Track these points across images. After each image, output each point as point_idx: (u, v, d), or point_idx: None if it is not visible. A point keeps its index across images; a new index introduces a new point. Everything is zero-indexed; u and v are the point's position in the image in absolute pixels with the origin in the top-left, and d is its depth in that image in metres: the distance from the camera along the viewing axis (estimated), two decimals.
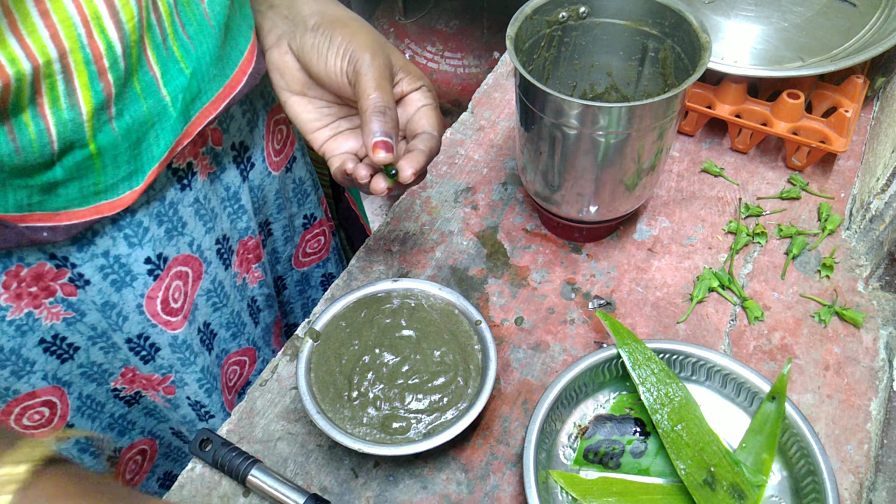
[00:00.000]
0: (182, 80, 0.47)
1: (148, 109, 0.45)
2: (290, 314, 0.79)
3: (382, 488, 0.53)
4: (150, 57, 0.45)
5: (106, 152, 0.45)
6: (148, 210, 0.51)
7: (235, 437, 0.56)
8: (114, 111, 0.43)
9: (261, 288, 0.67)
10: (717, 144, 0.77)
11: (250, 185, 0.61)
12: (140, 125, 0.45)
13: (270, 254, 0.70)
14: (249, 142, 0.60)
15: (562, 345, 0.61)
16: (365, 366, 0.55)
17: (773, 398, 0.52)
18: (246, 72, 0.52)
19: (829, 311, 0.62)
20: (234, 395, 0.67)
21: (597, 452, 0.53)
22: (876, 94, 0.80)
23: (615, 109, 0.52)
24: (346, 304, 0.58)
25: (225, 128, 0.56)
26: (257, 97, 0.60)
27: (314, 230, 0.73)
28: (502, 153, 0.77)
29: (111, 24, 0.40)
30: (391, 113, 0.48)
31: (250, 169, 0.60)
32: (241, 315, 0.64)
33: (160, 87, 0.46)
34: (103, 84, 0.42)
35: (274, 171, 0.64)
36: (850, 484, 0.53)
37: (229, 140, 0.57)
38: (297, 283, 0.76)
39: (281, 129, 0.64)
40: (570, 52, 0.64)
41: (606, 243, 0.69)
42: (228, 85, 0.51)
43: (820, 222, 0.69)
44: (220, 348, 0.62)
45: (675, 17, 0.58)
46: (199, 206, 0.55)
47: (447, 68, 1.61)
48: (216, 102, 0.50)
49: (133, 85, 0.44)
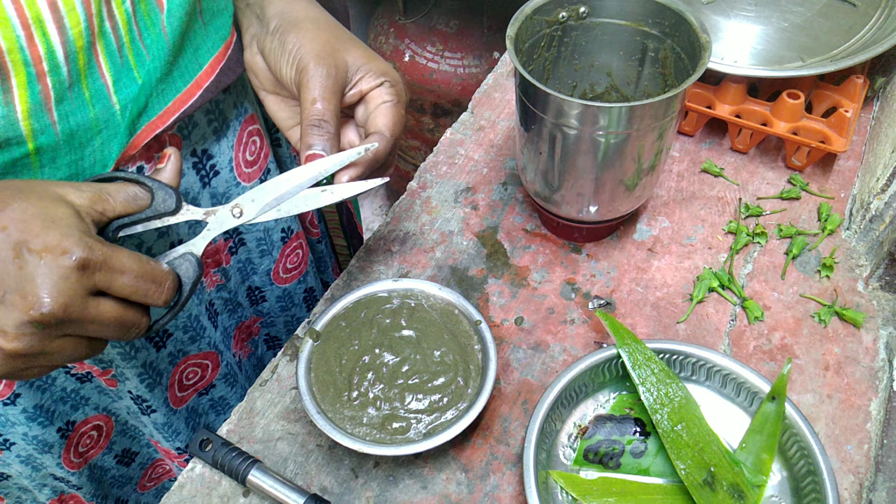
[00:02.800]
0: (134, 88, 0.47)
1: (95, 116, 0.45)
2: (272, 327, 0.79)
3: (382, 488, 0.53)
4: (103, 64, 0.44)
5: (45, 153, 0.44)
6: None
7: (235, 437, 0.56)
8: (56, 114, 0.43)
9: (219, 292, 0.66)
10: (717, 144, 0.77)
11: (212, 192, 0.60)
12: (85, 131, 0.45)
13: (244, 262, 0.69)
14: (214, 150, 0.59)
15: (562, 345, 0.61)
16: (365, 366, 0.55)
17: (773, 398, 0.52)
18: (202, 86, 0.52)
19: (829, 311, 0.62)
20: (192, 394, 0.67)
21: (597, 452, 0.53)
22: (876, 94, 0.80)
23: (615, 109, 0.52)
24: (346, 304, 0.58)
25: (186, 134, 0.55)
26: (229, 107, 0.59)
27: (292, 244, 0.73)
28: (502, 153, 0.77)
29: (54, 29, 0.40)
30: (327, 126, 0.49)
31: (213, 176, 0.60)
32: (200, 319, 0.63)
33: (111, 95, 0.46)
34: (41, 86, 0.42)
35: (244, 181, 0.63)
36: (850, 484, 0.53)
37: (189, 146, 0.56)
38: (278, 298, 0.76)
39: (255, 141, 0.63)
40: (570, 52, 0.64)
41: (606, 243, 0.69)
42: (180, 98, 0.50)
43: (820, 222, 0.69)
44: (176, 348, 0.62)
45: (675, 17, 0.58)
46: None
47: (447, 68, 1.61)
48: (164, 116, 0.50)
49: (81, 90, 0.44)
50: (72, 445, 0.64)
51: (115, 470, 0.71)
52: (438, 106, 1.66)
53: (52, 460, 0.62)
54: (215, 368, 0.68)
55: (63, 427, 0.62)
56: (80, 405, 0.63)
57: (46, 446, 0.61)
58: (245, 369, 0.75)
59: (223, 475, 0.54)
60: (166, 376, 0.63)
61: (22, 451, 0.60)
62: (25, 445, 0.60)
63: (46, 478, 0.64)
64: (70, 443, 0.63)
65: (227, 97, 0.59)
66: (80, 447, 0.65)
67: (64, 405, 0.61)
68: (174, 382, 0.64)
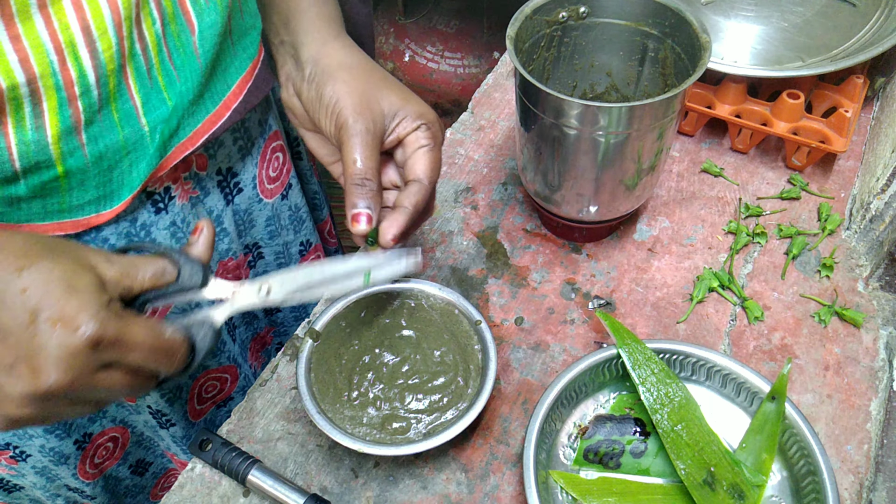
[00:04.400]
0: (164, 110, 0.46)
1: (124, 138, 0.45)
2: (285, 336, 0.79)
3: (382, 488, 0.53)
4: (132, 86, 0.44)
5: (74, 176, 0.44)
6: (116, 229, 0.50)
7: (235, 437, 0.56)
8: (85, 137, 0.43)
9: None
10: (717, 144, 0.77)
11: (235, 209, 0.60)
12: (114, 153, 0.45)
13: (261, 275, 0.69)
14: (239, 168, 0.59)
15: (562, 345, 0.61)
16: (365, 366, 0.55)
17: (773, 398, 0.52)
18: (230, 107, 0.51)
19: (829, 311, 0.62)
20: (211, 406, 0.67)
21: (597, 452, 0.53)
22: (876, 94, 0.80)
23: (615, 109, 0.52)
24: (346, 304, 0.58)
25: (212, 153, 0.55)
26: (254, 125, 0.59)
27: (310, 256, 0.73)
28: (502, 153, 0.77)
29: (86, 53, 0.40)
30: (370, 184, 0.48)
31: (236, 194, 0.60)
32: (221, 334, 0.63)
33: (140, 117, 0.45)
34: (72, 110, 0.41)
35: (266, 198, 0.63)
36: (850, 484, 0.53)
37: (215, 166, 0.56)
38: (292, 308, 0.76)
39: (277, 157, 0.63)
40: (570, 52, 0.64)
41: (606, 243, 0.69)
42: (209, 120, 0.50)
43: (820, 222, 0.69)
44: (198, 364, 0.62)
45: (675, 17, 0.58)
46: (176, 230, 0.54)
47: (447, 68, 1.61)
48: (194, 138, 0.49)
49: (110, 113, 0.44)
50: (87, 457, 0.64)
51: (128, 480, 0.71)
52: (438, 106, 1.67)
53: (68, 471, 0.62)
54: (234, 381, 0.68)
55: (80, 439, 0.62)
56: (97, 417, 0.63)
57: (63, 458, 0.61)
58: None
59: (223, 475, 0.54)
60: (186, 390, 0.62)
61: (37, 462, 0.60)
62: (41, 457, 0.60)
63: (60, 489, 0.64)
64: (86, 454, 0.63)
65: (253, 115, 0.59)
66: (97, 458, 0.65)
67: (82, 418, 0.61)
68: (193, 396, 0.64)
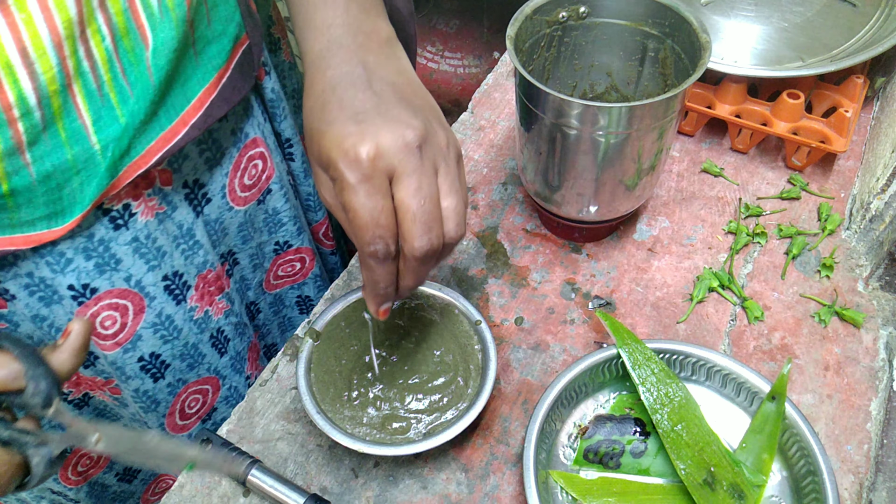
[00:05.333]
0: (116, 128, 0.44)
1: (73, 157, 0.43)
2: (268, 335, 0.77)
3: (382, 488, 0.53)
4: (80, 104, 0.42)
5: (20, 194, 0.43)
6: (72, 244, 0.48)
7: (235, 437, 0.56)
8: (30, 157, 0.42)
9: (227, 318, 0.64)
10: (717, 144, 0.77)
11: (205, 219, 0.58)
12: (62, 172, 0.43)
13: (239, 282, 0.67)
14: (206, 179, 0.56)
15: (562, 345, 0.61)
16: (365, 366, 0.55)
17: (773, 398, 0.52)
18: (188, 122, 0.49)
19: (829, 311, 0.62)
20: (197, 421, 0.65)
21: (597, 452, 0.53)
22: (876, 94, 0.80)
23: (615, 109, 0.52)
24: (346, 304, 0.58)
25: (176, 167, 0.53)
26: (225, 135, 0.56)
27: (287, 256, 0.71)
28: (502, 153, 0.77)
29: (25, 75, 0.39)
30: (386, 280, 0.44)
31: (205, 204, 0.57)
32: (199, 347, 0.61)
33: (90, 135, 0.44)
34: (12, 132, 0.40)
35: (238, 205, 0.60)
36: (850, 484, 0.53)
37: (181, 179, 0.54)
38: (270, 304, 0.74)
39: (256, 165, 0.60)
40: (570, 52, 0.64)
41: (606, 243, 0.69)
42: (163, 137, 0.48)
43: (820, 222, 0.69)
44: (176, 378, 0.60)
45: (675, 17, 0.58)
46: (140, 245, 0.52)
47: (447, 68, 1.61)
48: (147, 156, 0.47)
49: (57, 132, 0.42)
50: (69, 465, 0.63)
51: (116, 486, 0.71)
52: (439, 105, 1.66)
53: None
54: (215, 392, 0.66)
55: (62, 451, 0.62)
56: None
57: None
58: None
59: (223, 475, 0.54)
60: (165, 405, 0.61)
61: None
62: None
63: (44, 491, 0.64)
64: (67, 464, 0.62)
65: (224, 125, 0.56)
66: (80, 467, 0.64)
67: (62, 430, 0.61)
68: (175, 411, 0.62)
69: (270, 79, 0.61)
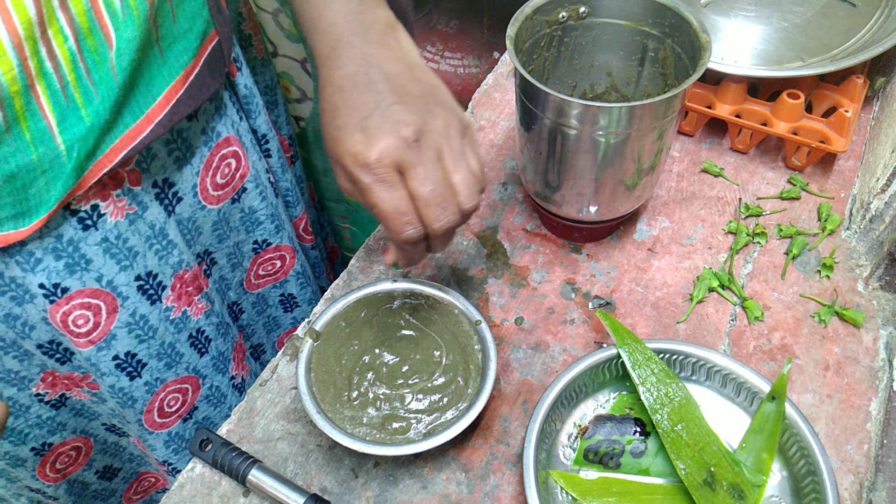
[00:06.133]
0: (81, 128, 0.44)
1: (38, 158, 0.43)
2: (253, 335, 0.77)
3: (382, 488, 0.53)
4: (45, 105, 0.42)
5: None
6: (41, 244, 0.48)
7: (235, 437, 0.56)
8: None
9: (208, 318, 0.63)
10: (717, 144, 0.77)
11: (178, 218, 0.58)
12: (27, 172, 0.43)
13: (218, 281, 0.67)
14: (176, 178, 0.56)
15: (562, 345, 0.61)
16: (365, 366, 0.55)
17: (773, 398, 0.52)
18: (153, 120, 0.48)
19: (829, 311, 0.62)
20: (177, 420, 0.65)
21: (597, 452, 0.53)
22: (876, 94, 0.80)
23: (615, 109, 0.52)
24: (346, 304, 0.58)
25: (145, 167, 0.52)
26: (195, 134, 0.56)
27: (266, 255, 0.70)
28: (502, 153, 0.77)
29: None
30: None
31: (176, 203, 0.57)
32: (176, 346, 0.61)
33: (55, 136, 0.44)
34: None
35: (211, 204, 0.60)
36: (850, 484, 0.53)
37: (150, 178, 0.53)
38: (253, 304, 0.74)
39: (229, 164, 0.60)
40: (570, 52, 0.64)
41: (606, 243, 0.69)
42: (127, 136, 0.47)
43: (820, 222, 0.69)
44: (153, 377, 0.60)
45: (675, 17, 0.58)
46: (110, 246, 0.52)
47: (447, 68, 1.61)
48: (110, 155, 0.47)
49: (21, 133, 0.42)
50: (47, 462, 0.63)
51: (97, 484, 0.70)
52: None
53: (27, 473, 0.62)
54: (195, 391, 0.65)
55: (38, 447, 0.61)
56: (57, 430, 0.61)
57: (19, 461, 0.60)
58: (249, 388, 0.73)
59: (223, 475, 0.54)
60: (142, 402, 0.61)
61: None
62: None
63: (22, 489, 0.63)
64: (45, 460, 0.62)
65: (194, 124, 0.56)
66: (58, 465, 0.64)
67: (40, 430, 0.60)
68: (153, 409, 0.62)
69: (243, 75, 0.61)
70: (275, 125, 0.77)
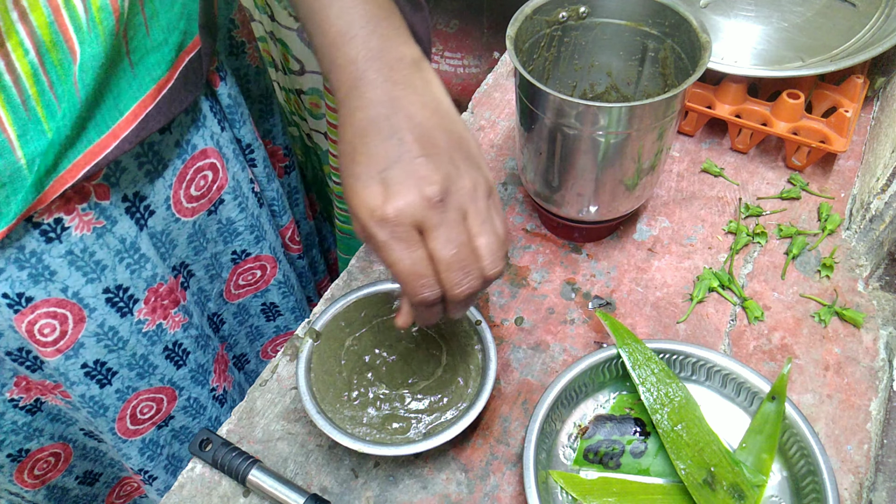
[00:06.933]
0: (43, 142, 0.43)
1: None
2: (236, 346, 0.75)
3: (382, 488, 0.53)
4: (4, 118, 0.42)
5: None
6: (3, 254, 0.47)
7: (235, 437, 0.56)
8: None
9: (186, 331, 0.62)
10: (717, 144, 0.77)
11: (150, 231, 0.56)
12: None
13: (196, 293, 0.65)
14: (147, 191, 0.54)
15: (562, 345, 0.61)
16: (365, 366, 0.55)
17: (773, 398, 0.52)
18: (119, 136, 0.47)
19: (829, 311, 0.62)
20: (151, 427, 0.64)
21: (597, 452, 0.53)
22: (876, 94, 0.80)
23: (615, 109, 0.52)
24: (346, 304, 0.58)
25: (114, 181, 0.51)
26: (168, 147, 0.54)
27: (246, 265, 0.69)
28: (502, 153, 0.77)
29: None
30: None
31: (148, 217, 0.55)
32: (149, 358, 0.59)
33: (15, 150, 0.43)
34: None
35: (185, 216, 0.59)
36: (850, 484, 0.53)
37: (120, 192, 0.52)
38: (234, 314, 0.72)
39: (205, 176, 0.58)
40: (570, 52, 0.64)
41: (606, 243, 0.69)
42: (91, 151, 0.46)
43: (820, 222, 0.69)
44: (125, 385, 0.59)
45: (675, 17, 0.58)
46: (75, 259, 0.50)
47: (447, 68, 1.61)
48: (72, 170, 0.46)
49: None
50: (25, 469, 0.62)
51: (77, 490, 0.69)
52: None
53: (4, 478, 0.61)
54: (171, 401, 0.64)
55: (14, 454, 0.60)
56: (34, 436, 0.61)
57: None
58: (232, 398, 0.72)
59: (223, 475, 0.54)
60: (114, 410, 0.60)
61: None
62: None
63: (1, 491, 0.63)
64: (23, 467, 0.62)
65: (167, 137, 0.54)
66: (37, 471, 0.63)
67: (16, 436, 0.59)
68: (125, 416, 0.61)
69: (226, 84, 0.59)
70: (268, 134, 0.76)
